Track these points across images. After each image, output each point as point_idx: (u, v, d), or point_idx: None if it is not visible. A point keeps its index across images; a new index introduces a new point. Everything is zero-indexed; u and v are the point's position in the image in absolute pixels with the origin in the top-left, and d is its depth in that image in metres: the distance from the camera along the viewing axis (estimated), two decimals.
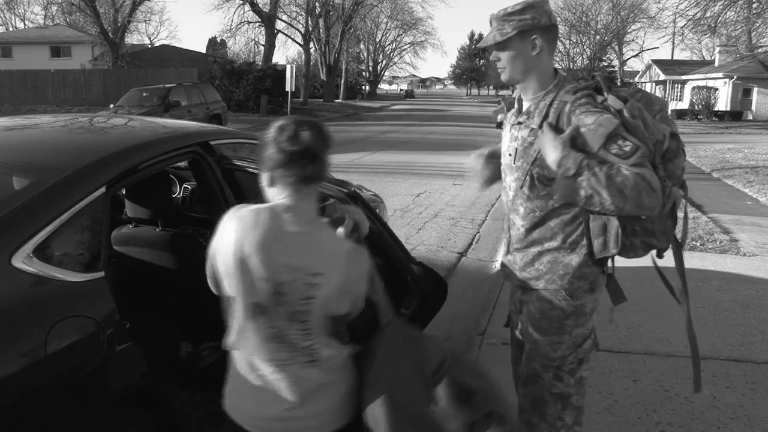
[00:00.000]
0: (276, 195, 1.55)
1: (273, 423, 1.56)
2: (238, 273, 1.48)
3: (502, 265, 2.23)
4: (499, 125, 2.28)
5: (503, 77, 2.01)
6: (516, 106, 2.10)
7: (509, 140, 2.10)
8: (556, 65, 2.06)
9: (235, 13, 37.37)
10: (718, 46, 35.12)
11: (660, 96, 2.14)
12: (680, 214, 2.17)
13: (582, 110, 1.86)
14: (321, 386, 1.55)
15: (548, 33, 1.93)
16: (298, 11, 41.00)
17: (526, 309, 2.11)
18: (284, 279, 1.47)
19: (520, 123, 2.04)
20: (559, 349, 2.06)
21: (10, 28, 54.13)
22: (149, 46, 43.32)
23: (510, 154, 2.08)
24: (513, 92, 2.14)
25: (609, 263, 2.09)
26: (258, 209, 1.51)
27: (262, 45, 36.00)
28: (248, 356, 1.56)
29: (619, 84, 2.07)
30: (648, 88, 45.59)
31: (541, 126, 1.94)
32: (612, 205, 1.77)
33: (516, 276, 2.12)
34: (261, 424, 1.58)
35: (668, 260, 2.31)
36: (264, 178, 1.56)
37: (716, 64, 37.28)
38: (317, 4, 40.46)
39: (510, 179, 2.09)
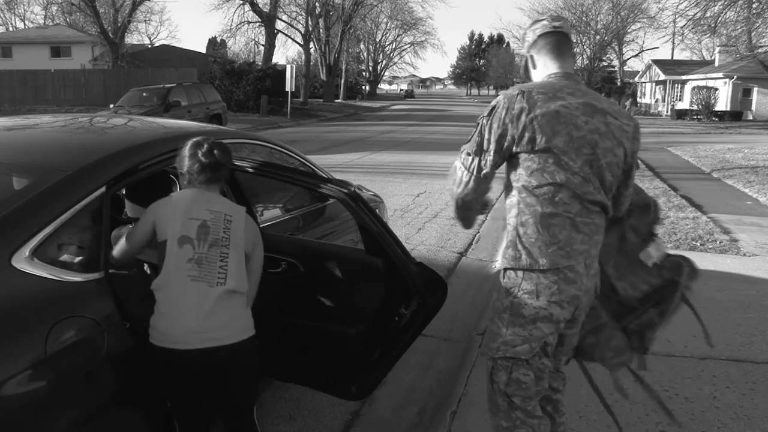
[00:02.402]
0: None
1: (190, 336, 1.98)
2: (176, 217, 2.07)
3: None
4: None
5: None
6: None
7: None
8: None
9: (235, 13, 37.41)
10: (718, 46, 35.12)
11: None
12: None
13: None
14: (224, 303, 2.05)
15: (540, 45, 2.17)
16: (298, 11, 41.07)
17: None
18: (208, 217, 2.10)
19: None
20: (495, 340, 2.11)
21: (10, 28, 54.14)
22: (149, 46, 43.30)
23: None
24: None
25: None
26: (185, 190, 2.22)
27: (262, 45, 36.02)
28: (168, 281, 2.03)
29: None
30: (648, 88, 45.62)
31: None
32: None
33: None
34: (181, 339, 1.98)
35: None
36: (183, 177, 2.21)
37: (716, 64, 37.28)
38: (317, 4, 40.48)
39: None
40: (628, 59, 53.92)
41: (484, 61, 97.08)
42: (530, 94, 1.96)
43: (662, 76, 40.88)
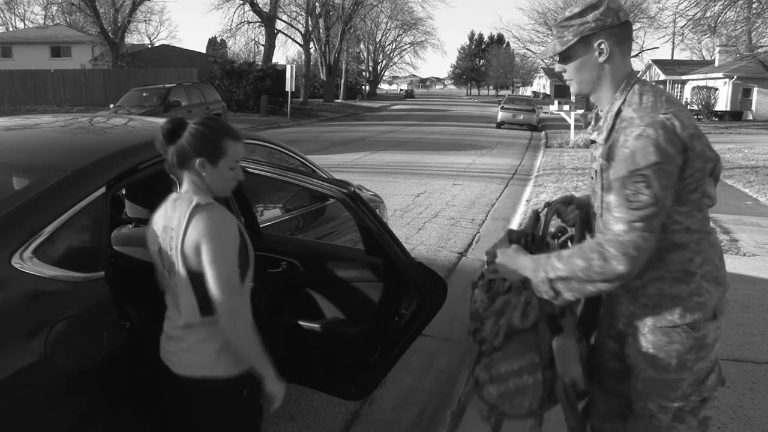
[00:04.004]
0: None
1: (163, 345, 1.89)
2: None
3: None
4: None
5: (572, 90, 1.79)
6: (593, 122, 1.84)
7: (591, 160, 1.84)
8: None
9: (235, 13, 37.40)
10: (718, 46, 35.12)
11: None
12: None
13: (633, 129, 1.58)
14: (181, 333, 1.81)
15: (618, 34, 1.67)
16: (298, 11, 41.05)
17: (634, 341, 1.77)
18: (161, 236, 1.83)
19: (594, 141, 1.80)
20: (680, 387, 1.74)
21: (10, 28, 54.13)
22: (149, 46, 43.31)
23: (592, 177, 1.83)
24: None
25: None
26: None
27: (262, 45, 36.01)
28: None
29: None
30: None
31: (607, 140, 1.67)
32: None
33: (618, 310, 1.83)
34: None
35: None
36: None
37: (716, 64, 37.28)
38: (317, 4, 40.47)
39: (596, 205, 1.81)
40: None
41: (484, 61, 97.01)
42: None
43: (662, 76, 40.87)
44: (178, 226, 1.74)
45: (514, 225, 7.33)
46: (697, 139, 1.61)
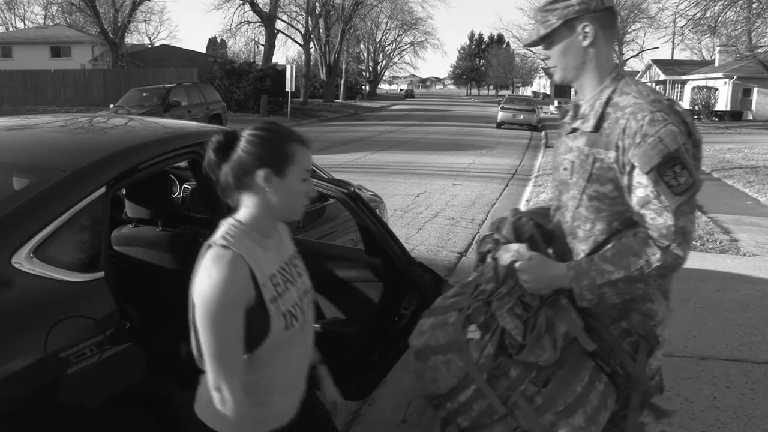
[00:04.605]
0: None
1: None
2: None
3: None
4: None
5: (556, 77, 1.74)
6: (571, 111, 1.79)
7: (564, 151, 1.76)
8: None
9: (235, 13, 37.41)
10: (718, 46, 35.10)
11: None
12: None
13: (645, 114, 1.54)
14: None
15: (602, 19, 1.63)
16: (298, 11, 41.03)
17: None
18: None
19: (575, 130, 1.72)
20: (617, 392, 1.74)
21: (10, 28, 54.12)
22: (149, 46, 43.30)
23: (565, 168, 1.74)
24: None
25: None
26: None
27: (262, 45, 36.00)
28: None
29: None
30: None
31: (596, 129, 1.61)
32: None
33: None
34: None
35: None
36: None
37: (716, 64, 37.28)
38: (317, 4, 40.46)
39: (566, 197, 1.75)
40: (628, 59, 53.86)
41: (484, 61, 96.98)
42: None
43: (662, 76, 40.87)
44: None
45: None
46: (693, 126, 1.61)
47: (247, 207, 1.47)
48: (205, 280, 1.37)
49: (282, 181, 1.45)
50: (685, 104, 35.86)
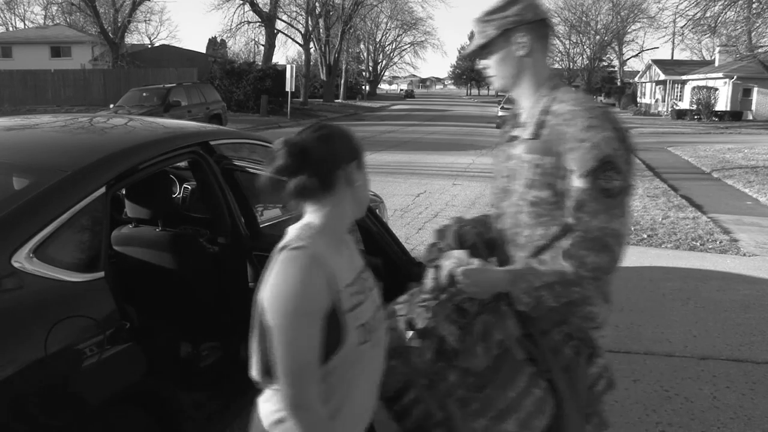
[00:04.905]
0: None
1: None
2: None
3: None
4: (500, 125, 2.14)
5: (495, 85, 1.81)
6: (511, 120, 1.84)
7: (504, 159, 1.82)
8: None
9: (235, 13, 37.47)
10: (718, 46, 35.12)
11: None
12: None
13: (580, 120, 1.58)
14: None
15: (537, 30, 1.70)
16: (298, 11, 41.07)
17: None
18: None
19: (514, 138, 1.77)
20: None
21: (10, 28, 54.15)
22: (149, 46, 43.32)
23: (505, 176, 1.80)
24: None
25: None
26: None
27: (262, 45, 36.01)
28: None
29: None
30: (648, 88, 45.62)
31: (535, 136, 1.65)
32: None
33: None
34: None
35: (668, 260, 2.27)
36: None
37: (716, 64, 37.28)
38: (317, 4, 40.47)
39: (506, 204, 1.79)
40: (628, 59, 53.97)
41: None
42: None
43: (662, 76, 40.88)
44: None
45: None
46: (625, 131, 1.64)
47: (318, 210, 1.36)
48: (281, 284, 1.27)
49: (362, 172, 1.39)
50: (685, 104, 35.88)
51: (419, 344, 1.67)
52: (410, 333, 1.68)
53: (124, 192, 2.81)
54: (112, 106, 17.68)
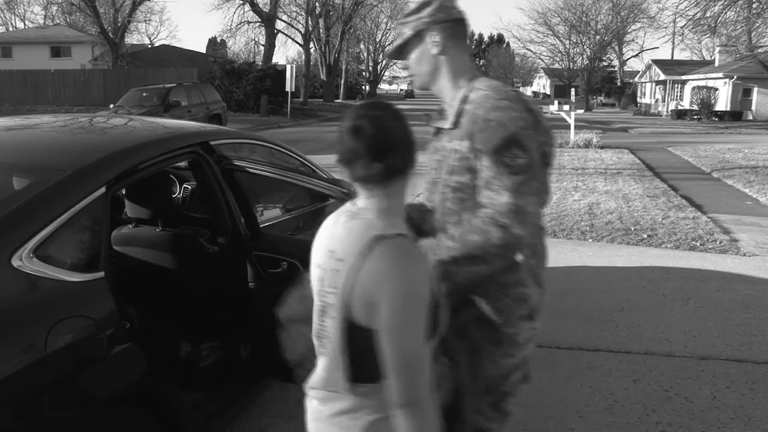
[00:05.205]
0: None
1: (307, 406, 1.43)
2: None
3: None
4: (427, 122, 2.12)
5: (416, 83, 1.90)
6: (437, 115, 1.92)
7: (431, 152, 1.90)
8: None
9: (235, 13, 37.49)
10: (718, 46, 35.13)
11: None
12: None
13: (490, 102, 1.65)
14: (320, 396, 1.34)
15: (451, 29, 1.77)
16: (298, 11, 41.04)
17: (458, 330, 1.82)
18: (322, 260, 1.34)
19: (440, 130, 1.85)
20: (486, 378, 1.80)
21: (10, 28, 54.15)
22: (149, 46, 43.31)
23: (433, 168, 1.87)
24: None
25: None
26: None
27: (262, 45, 36.01)
28: None
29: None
30: (648, 88, 45.64)
31: (455, 125, 1.73)
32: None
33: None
34: None
35: (667, 260, 2.26)
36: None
37: (716, 64, 37.28)
38: (317, 4, 40.46)
39: (435, 196, 1.86)
40: (628, 59, 53.95)
41: (484, 61, 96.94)
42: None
43: (662, 76, 40.88)
44: (346, 259, 1.25)
45: None
46: (540, 115, 1.71)
47: (390, 196, 1.30)
48: (401, 276, 1.20)
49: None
50: (685, 104, 35.88)
51: None
52: None
53: (124, 192, 2.81)
54: (112, 106, 17.68)
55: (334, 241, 1.30)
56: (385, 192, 1.30)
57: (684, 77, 38.14)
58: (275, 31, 35.44)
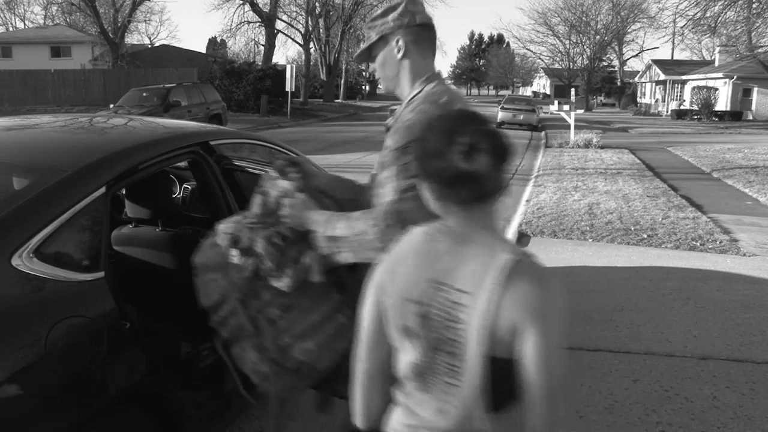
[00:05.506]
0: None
1: None
2: (392, 290, 1.28)
3: None
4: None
5: (382, 86, 1.92)
6: (392, 116, 1.93)
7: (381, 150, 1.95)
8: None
9: (235, 13, 37.45)
10: (718, 46, 35.12)
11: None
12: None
13: (414, 105, 1.70)
14: None
15: (414, 33, 1.79)
16: (298, 11, 41.02)
17: None
18: (431, 294, 1.21)
19: (387, 129, 1.85)
20: None
21: (10, 28, 54.15)
22: (149, 46, 43.30)
23: (378, 165, 1.89)
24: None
25: None
26: (417, 231, 1.32)
27: (262, 45, 36.01)
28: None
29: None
30: (648, 88, 45.64)
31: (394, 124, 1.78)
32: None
33: None
34: None
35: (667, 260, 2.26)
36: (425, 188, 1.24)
37: (716, 64, 37.28)
38: (317, 4, 40.46)
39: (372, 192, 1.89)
40: (628, 59, 53.95)
41: (484, 61, 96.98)
42: None
43: (662, 76, 40.88)
44: (474, 290, 1.15)
45: (515, 225, 7.33)
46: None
47: (490, 213, 1.23)
48: (547, 298, 1.16)
49: None
50: (685, 104, 35.88)
51: (240, 261, 1.79)
52: (233, 251, 1.81)
53: (124, 192, 2.81)
54: (112, 106, 17.68)
55: (444, 272, 1.20)
56: (490, 210, 1.22)
57: (684, 77, 38.14)
58: (275, 31, 35.45)
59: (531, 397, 1.16)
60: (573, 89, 24.43)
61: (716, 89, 34.06)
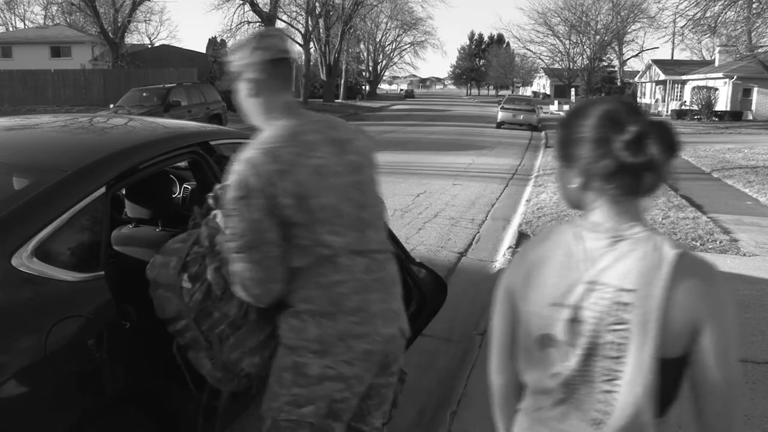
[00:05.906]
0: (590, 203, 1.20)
1: None
2: (536, 298, 1.21)
3: None
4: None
5: (246, 117, 1.93)
6: None
7: None
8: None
9: (235, 13, 37.36)
10: (718, 46, 35.13)
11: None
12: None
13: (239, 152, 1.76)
14: None
15: (265, 71, 1.78)
16: (298, 11, 41.07)
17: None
18: (584, 297, 1.14)
19: None
20: (276, 400, 1.79)
21: (10, 28, 54.17)
22: (149, 46, 43.32)
23: None
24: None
25: None
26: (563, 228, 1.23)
27: None
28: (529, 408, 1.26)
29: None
30: (648, 88, 45.65)
31: None
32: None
33: None
34: None
35: None
36: (576, 178, 1.18)
37: (716, 64, 37.28)
38: (317, 4, 40.47)
39: None
40: (628, 59, 53.95)
41: (484, 61, 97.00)
42: (276, 151, 1.70)
43: (662, 76, 40.88)
44: (640, 288, 1.09)
45: (514, 225, 7.34)
46: (285, 175, 1.67)
47: (642, 206, 1.20)
48: (721, 291, 1.12)
49: None
50: (686, 104, 35.88)
51: (190, 286, 1.90)
52: (184, 276, 1.91)
53: (124, 192, 2.81)
54: (112, 106, 17.67)
55: (599, 271, 1.13)
56: (642, 203, 1.17)
57: (684, 77, 38.14)
58: None
59: (709, 395, 1.13)
60: (573, 89, 24.46)
61: (716, 89, 34.06)
